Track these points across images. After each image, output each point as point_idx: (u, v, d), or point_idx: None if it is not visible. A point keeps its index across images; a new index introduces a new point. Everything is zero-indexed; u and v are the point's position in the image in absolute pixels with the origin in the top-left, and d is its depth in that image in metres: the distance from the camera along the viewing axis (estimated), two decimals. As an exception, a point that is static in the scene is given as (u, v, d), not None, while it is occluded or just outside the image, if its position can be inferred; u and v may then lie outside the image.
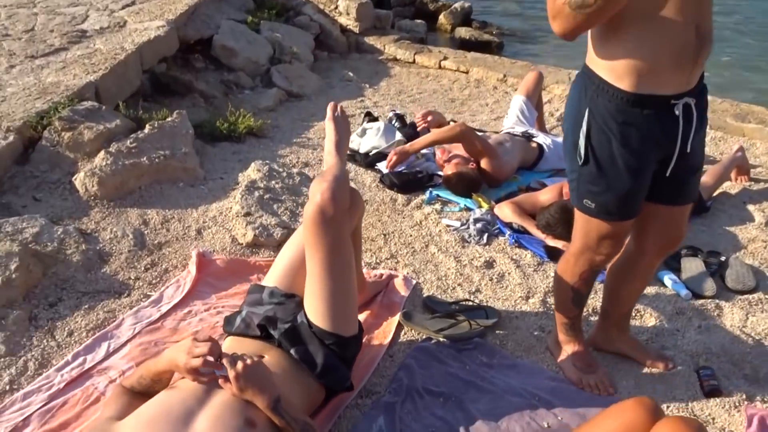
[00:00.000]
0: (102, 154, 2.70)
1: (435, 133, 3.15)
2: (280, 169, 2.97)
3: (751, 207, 3.10)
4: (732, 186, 3.29)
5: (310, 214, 1.65)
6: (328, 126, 2.02)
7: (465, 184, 3.01)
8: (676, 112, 1.50)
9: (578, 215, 1.72)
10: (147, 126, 2.99)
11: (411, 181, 3.06)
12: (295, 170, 3.05)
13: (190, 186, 2.85)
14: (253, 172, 2.90)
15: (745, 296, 2.37)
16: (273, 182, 2.83)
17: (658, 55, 1.44)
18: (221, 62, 4.42)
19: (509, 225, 2.74)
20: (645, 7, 1.39)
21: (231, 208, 2.64)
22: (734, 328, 2.19)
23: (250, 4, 5.39)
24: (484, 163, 3.08)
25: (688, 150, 1.57)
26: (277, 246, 2.46)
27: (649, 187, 1.65)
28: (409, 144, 3.14)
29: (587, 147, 1.58)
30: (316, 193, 1.66)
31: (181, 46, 4.28)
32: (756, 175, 3.42)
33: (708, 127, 4.00)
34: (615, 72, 1.49)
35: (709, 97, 4.46)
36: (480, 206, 2.88)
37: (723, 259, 2.57)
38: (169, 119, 3.13)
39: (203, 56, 4.44)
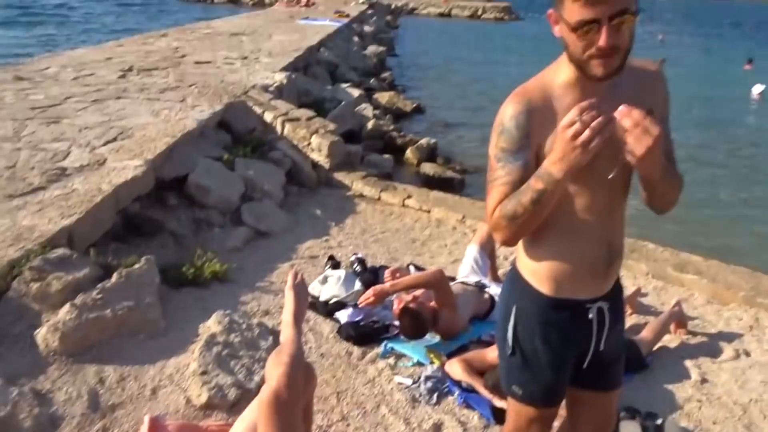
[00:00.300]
0: (67, 307, 2.80)
1: (414, 277, 3.34)
2: (241, 320, 3.08)
3: (688, 363, 3.26)
4: (671, 339, 3.48)
5: (265, 398, 1.75)
6: (287, 294, 2.16)
7: (416, 324, 3.13)
8: (590, 316, 1.69)
9: (509, 398, 1.86)
10: (114, 275, 3.11)
11: (367, 333, 3.19)
12: (255, 320, 3.16)
13: (150, 338, 2.94)
14: (213, 324, 3.01)
15: (679, 464, 2.49)
16: (232, 335, 2.93)
17: (574, 266, 1.63)
18: (194, 200, 4.64)
19: (459, 383, 2.86)
20: (563, 224, 1.60)
21: (188, 365, 2.72)
22: (667, 501, 2.27)
23: (227, 140, 5.72)
24: (444, 314, 3.23)
25: (602, 348, 1.74)
26: (230, 407, 2.53)
27: (574, 374, 1.80)
28: (389, 284, 3.29)
29: (514, 340, 1.75)
30: (273, 378, 1.78)
31: (157, 183, 4.51)
32: (694, 327, 3.63)
33: (650, 276, 4.28)
34: (537, 277, 1.68)
35: (651, 246, 4.74)
36: (432, 362, 3.00)
37: (659, 422, 2.69)
38: (136, 266, 3.26)
39: (177, 193, 4.66)
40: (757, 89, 15.54)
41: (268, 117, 6.25)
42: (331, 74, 11.29)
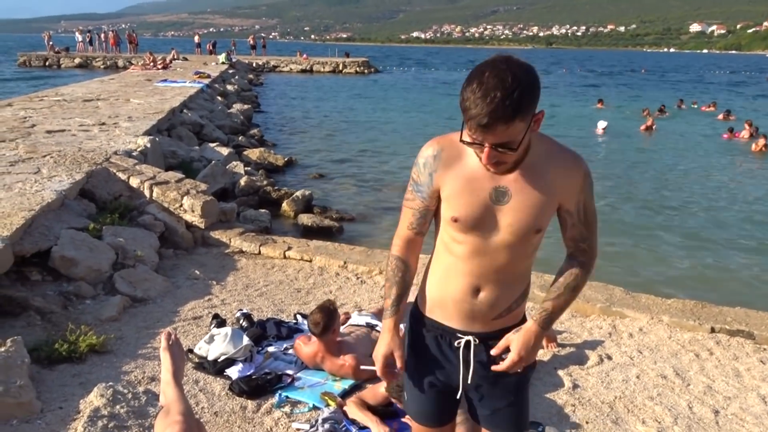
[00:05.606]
0: None
1: None
2: (125, 390, 2.95)
3: (561, 372, 3.58)
4: (545, 353, 3.80)
5: None
6: (163, 356, 2.15)
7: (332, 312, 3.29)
8: (456, 344, 1.81)
9: None
10: (-23, 361, 2.87)
11: (260, 385, 3.18)
12: (141, 388, 3.04)
13: (25, 422, 2.73)
14: (95, 398, 2.85)
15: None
16: (118, 407, 2.80)
17: (443, 296, 1.80)
18: (60, 273, 4.38)
19: (354, 421, 2.93)
20: (443, 261, 1.78)
21: (71, 444, 2.56)
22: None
23: (92, 208, 5.47)
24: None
25: (471, 383, 1.81)
26: (123, 481, 2.42)
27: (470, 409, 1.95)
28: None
29: (408, 356, 1.89)
30: None
31: (17, 260, 4.21)
32: (562, 340, 3.99)
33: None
34: (421, 299, 1.88)
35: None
36: (327, 405, 3.05)
37: (541, 429, 2.94)
38: (2, 349, 3.02)
39: (40, 268, 4.37)
40: (601, 125, 17.67)
41: (134, 182, 6.07)
42: (197, 134, 11.15)
